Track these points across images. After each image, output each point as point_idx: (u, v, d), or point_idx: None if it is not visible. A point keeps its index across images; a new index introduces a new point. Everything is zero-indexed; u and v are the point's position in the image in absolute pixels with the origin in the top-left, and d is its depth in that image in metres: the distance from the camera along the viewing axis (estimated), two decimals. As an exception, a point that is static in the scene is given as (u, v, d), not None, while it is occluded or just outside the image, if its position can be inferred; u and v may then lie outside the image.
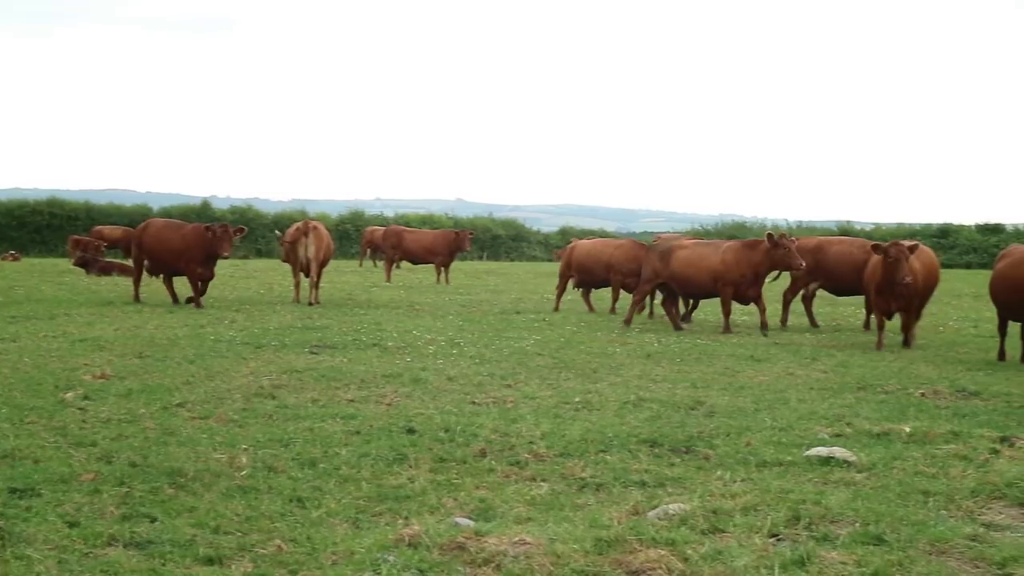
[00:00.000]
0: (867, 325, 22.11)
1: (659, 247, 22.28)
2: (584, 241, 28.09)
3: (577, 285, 26.60)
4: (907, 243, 18.51)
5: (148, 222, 26.09)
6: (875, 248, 18.59)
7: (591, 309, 25.92)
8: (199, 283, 24.24)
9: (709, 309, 25.63)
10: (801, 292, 23.31)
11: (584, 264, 25.74)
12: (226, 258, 24.60)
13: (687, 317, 23.48)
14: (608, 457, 9.14)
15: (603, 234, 74.99)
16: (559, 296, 26.73)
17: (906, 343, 18.55)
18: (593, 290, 26.79)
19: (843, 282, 22.66)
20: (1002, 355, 17.49)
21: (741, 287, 20.83)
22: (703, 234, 66.59)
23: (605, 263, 25.36)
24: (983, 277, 23.44)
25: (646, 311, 24.87)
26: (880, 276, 18.40)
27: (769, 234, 20.86)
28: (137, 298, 25.14)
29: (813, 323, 23.19)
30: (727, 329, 20.84)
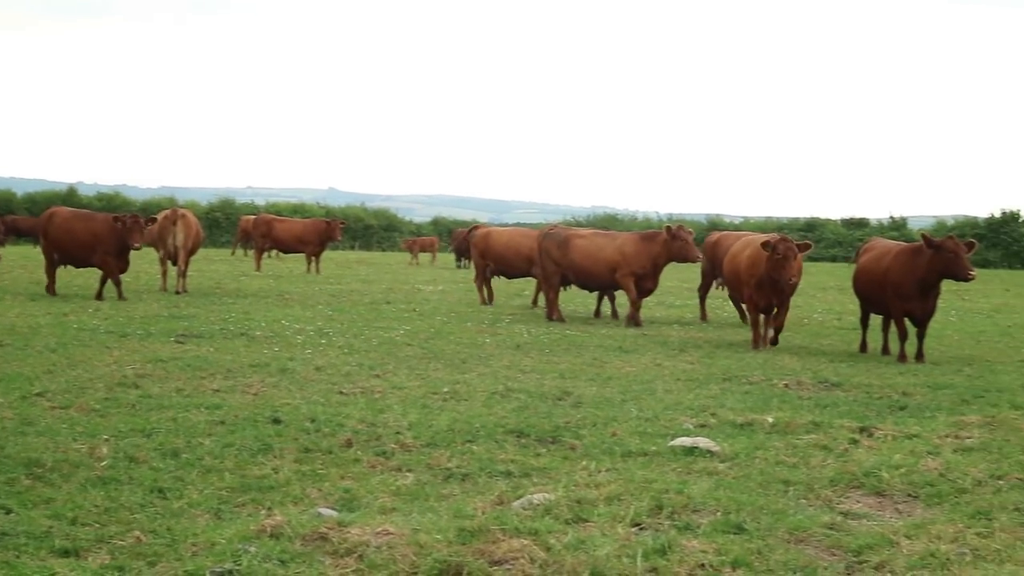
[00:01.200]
0: (744, 317, 21.77)
1: (556, 237, 22.12)
2: (500, 230, 27.32)
3: (494, 274, 25.93)
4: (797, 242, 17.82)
5: (53, 211, 24.43)
6: (763, 245, 17.27)
7: (486, 301, 25.62)
8: (112, 274, 23.07)
9: (579, 300, 25.82)
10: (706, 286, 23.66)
11: (503, 255, 25.24)
12: (137, 249, 23.20)
13: (596, 312, 23.34)
14: (475, 447, 9.14)
15: (475, 223, 75.08)
16: (480, 288, 26.04)
17: (774, 341, 17.94)
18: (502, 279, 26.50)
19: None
20: (864, 347, 17.86)
21: (640, 279, 20.85)
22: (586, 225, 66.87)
23: (526, 256, 24.67)
24: (847, 270, 23.87)
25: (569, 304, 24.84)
26: (763, 272, 17.37)
27: (667, 226, 21.03)
28: (51, 291, 23.56)
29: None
30: (633, 319, 20.90)
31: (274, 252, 45.30)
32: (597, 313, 23.16)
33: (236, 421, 9.90)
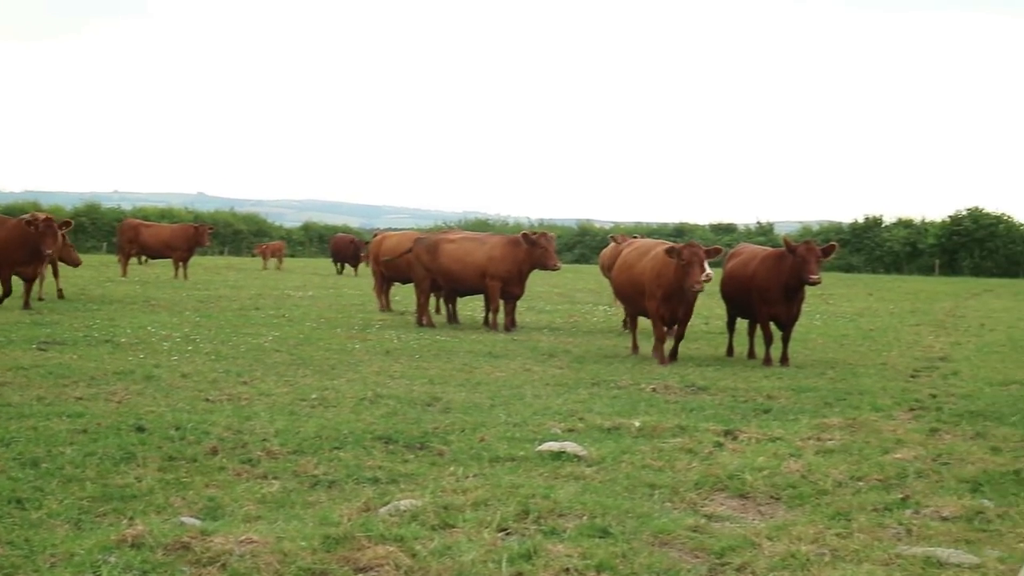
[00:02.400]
0: (626, 324, 20.89)
1: (425, 241, 22.08)
2: (394, 235, 26.90)
3: (391, 279, 25.62)
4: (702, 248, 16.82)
5: None
6: (668, 251, 16.34)
7: (384, 307, 25.37)
8: (32, 281, 22.12)
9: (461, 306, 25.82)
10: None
11: (394, 261, 24.84)
12: (50, 255, 21.90)
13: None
14: (342, 454, 9.08)
15: (346, 229, 74.70)
16: (379, 294, 25.80)
17: (674, 353, 16.99)
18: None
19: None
20: (730, 351, 18.11)
21: (507, 283, 20.84)
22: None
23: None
24: (715, 275, 24.35)
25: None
26: (669, 280, 16.43)
27: (524, 233, 21.05)
28: None
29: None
30: (493, 325, 20.91)
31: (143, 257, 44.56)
32: (453, 318, 22.89)
33: (99, 429, 9.70)
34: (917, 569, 6.30)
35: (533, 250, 20.51)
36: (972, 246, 69.85)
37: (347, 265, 47.38)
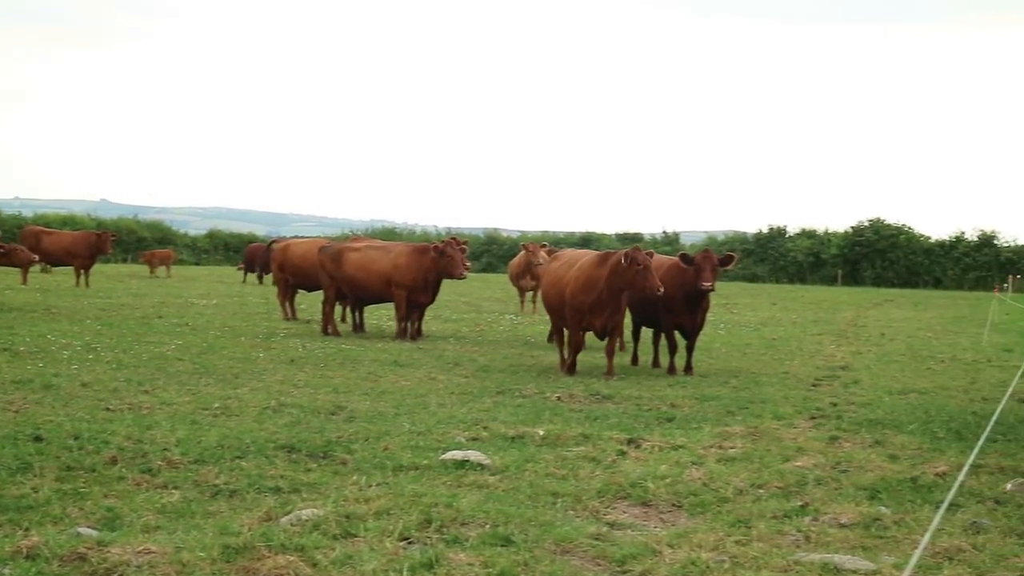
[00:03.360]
0: (551, 338, 20.29)
1: (330, 250, 21.97)
2: (298, 242, 26.62)
3: (295, 287, 25.27)
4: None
5: None
6: (625, 256, 15.69)
7: (289, 316, 25.09)
8: None
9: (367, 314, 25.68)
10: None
11: (301, 267, 24.49)
12: None
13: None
14: (244, 463, 8.99)
15: (252, 237, 74.08)
16: (283, 303, 25.43)
17: (610, 371, 16.33)
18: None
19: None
20: (635, 360, 18.22)
21: (413, 292, 20.75)
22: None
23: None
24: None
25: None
26: (599, 290, 15.85)
27: (435, 244, 20.97)
28: None
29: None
30: (401, 335, 20.80)
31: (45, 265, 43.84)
32: (359, 327, 22.69)
33: (-5, 439, 9.54)
34: (814, 575, 6.37)
35: (439, 259, 20.44)
36: (873, 256, 70.96)
37: (251, 274, 46.83)
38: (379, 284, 20.95)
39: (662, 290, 15.63)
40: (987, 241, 70.86)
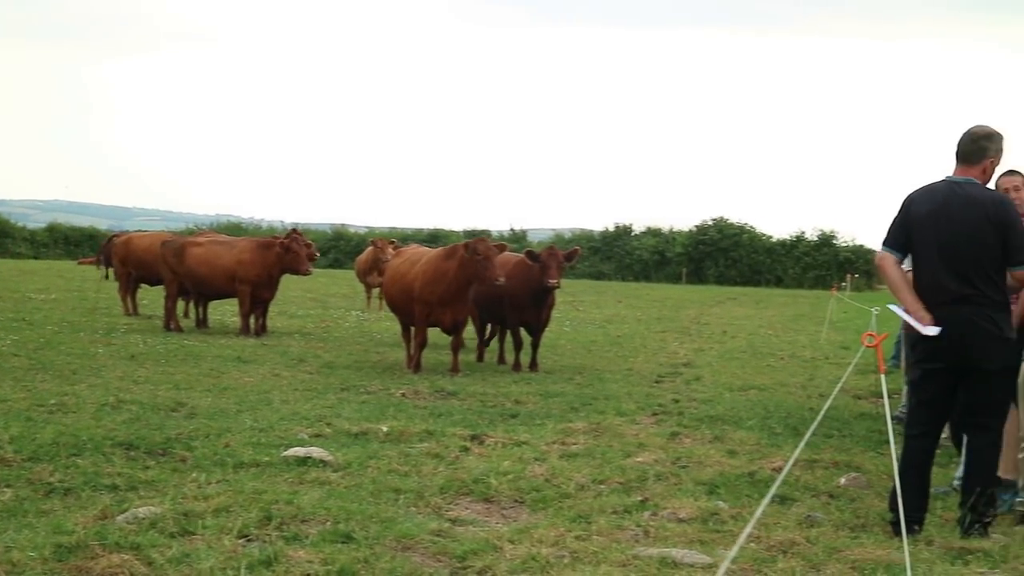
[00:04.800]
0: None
1: (173, 244, 21.56)
2: (141, 235, 26.02)
3: (137, 281, 24.72)
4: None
5: None
6: (466, 247, 15.77)
7: (130, 311, 24.53)
8: None
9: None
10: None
11: (143, 261, 23.95)
12: None
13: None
14: (80, 461, 8.79)
15: (94, 231, 72.64)
16: (124, 298, 24.87)
17: (456, 368, 16.20)
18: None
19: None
20: (480, 356, 18.24)
21: (257, 287, 20.45)
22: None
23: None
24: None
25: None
26: (445, 286, 15.83)
27: (281, 239, 20.70)
28: None
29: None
30: (244, 331, 20.51)
31: None
32: (202, 323, 22.36)
33: None
34: (652, 569, 6.45)
35: (284, 254, 20.22)
36: (717, 255, 72.06)
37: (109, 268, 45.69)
38: (223, 279, 20.65)
39: (502, 280, 15.59)
40: (826, 241, 72.48)
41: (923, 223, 7.74)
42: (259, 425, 10.70)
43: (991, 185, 8.06)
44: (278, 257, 20.22)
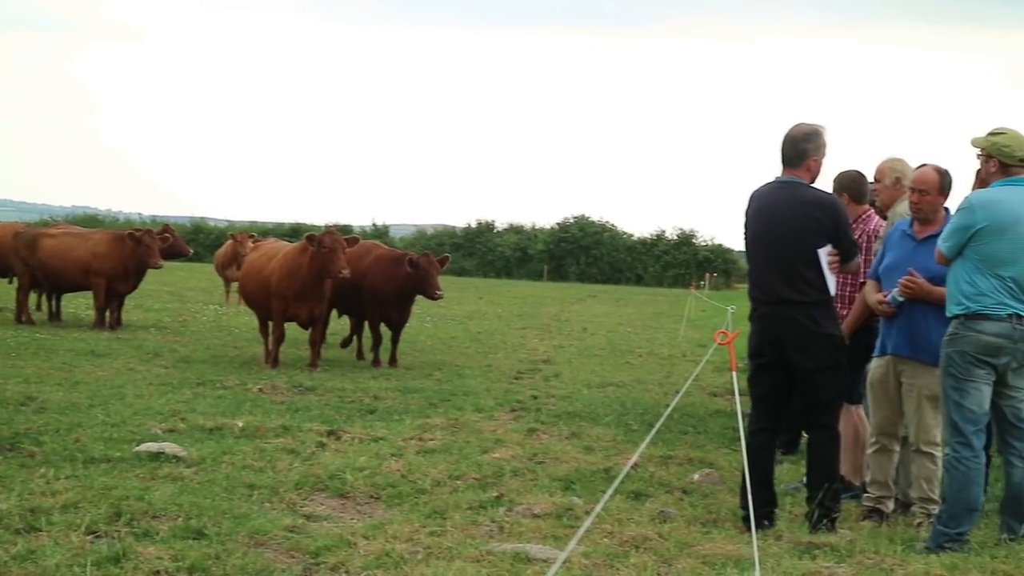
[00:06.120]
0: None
1: (25, 236, 20.97)
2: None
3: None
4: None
5: None
6: (308, 239, 15.69)
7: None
8: None
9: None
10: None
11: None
12: None
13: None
14: (-78, 457, 8.57)
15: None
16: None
17: (313, 362, 16.15)
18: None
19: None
20: (346, 344, 18.17)
21: (113, 280, 20.00)
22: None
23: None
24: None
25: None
26: (302, 278, 15.68)
27: (129, 232, 20.32)
28: None
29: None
30: (99, 324, 20.02)
31: None
32: (55, 316, 21.78)
33: None
34: (506, 565, 6.47)
35: (137, 248, 19.82)
36: (578, 253, 72.51)
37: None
38: (76, 272, 20.20)
39: (347, 272, 15.45)
40: (686, 240, 73.49)
41: (752, 223, 7.94)
42: (111, 420, 10.50)
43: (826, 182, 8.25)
44: (133, 250, 19.83)
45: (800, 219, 7.68)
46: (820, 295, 7.73)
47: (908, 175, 8.83)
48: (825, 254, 7.78)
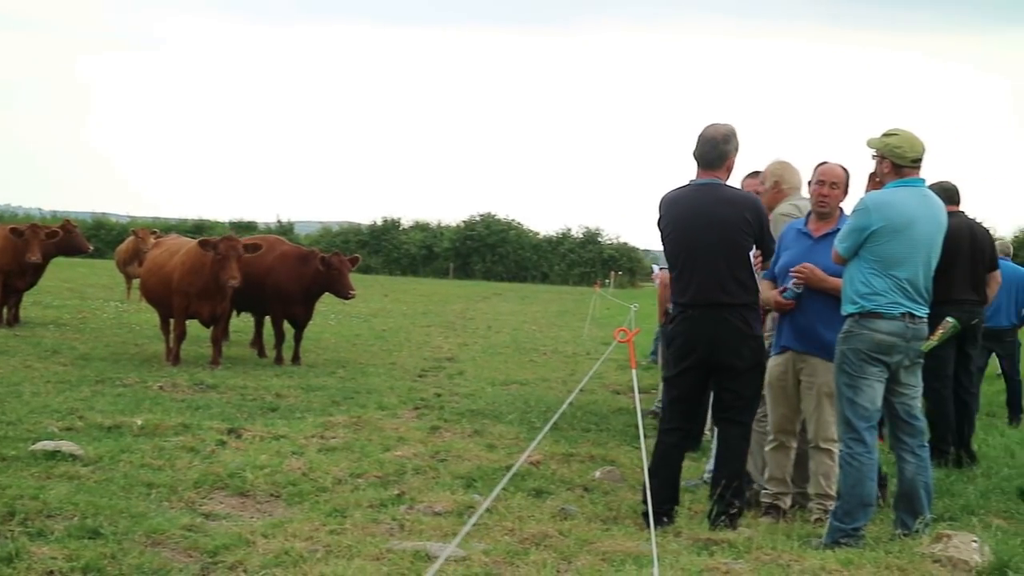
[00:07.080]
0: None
1: None
2: None
3: None
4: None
5: None
6: (202, 244, 15.64)
7: None
8: None
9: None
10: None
11: None
12: None
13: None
14: None
15: None
16: None
17: (216, 359, 15.95)
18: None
19: None
20: (261, 351, 17.97)
21: (10, 276, 19.62)
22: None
23: None
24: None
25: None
26: (204, 277, 15.49)
27: (12, 227, 19.99)
28: None
29: None
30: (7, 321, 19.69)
31: None
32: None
33: None
34: (406, 563, 6.46)
35: (18, 243, 19.38)
36: (484, 251, 72.64)
37: None
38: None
39: (236, 281, 15.26)
40: (591, 238, 73.94)
41: (674, 228, 7.96)
42: (7, 418, 10.33)
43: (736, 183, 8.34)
44: (24, 246, 19.40)
45: (731, 220, 7.73)
46: (750, 296, 7.81)
47: (787, 179, 9.00)
48: (752, 256, 7.89)
